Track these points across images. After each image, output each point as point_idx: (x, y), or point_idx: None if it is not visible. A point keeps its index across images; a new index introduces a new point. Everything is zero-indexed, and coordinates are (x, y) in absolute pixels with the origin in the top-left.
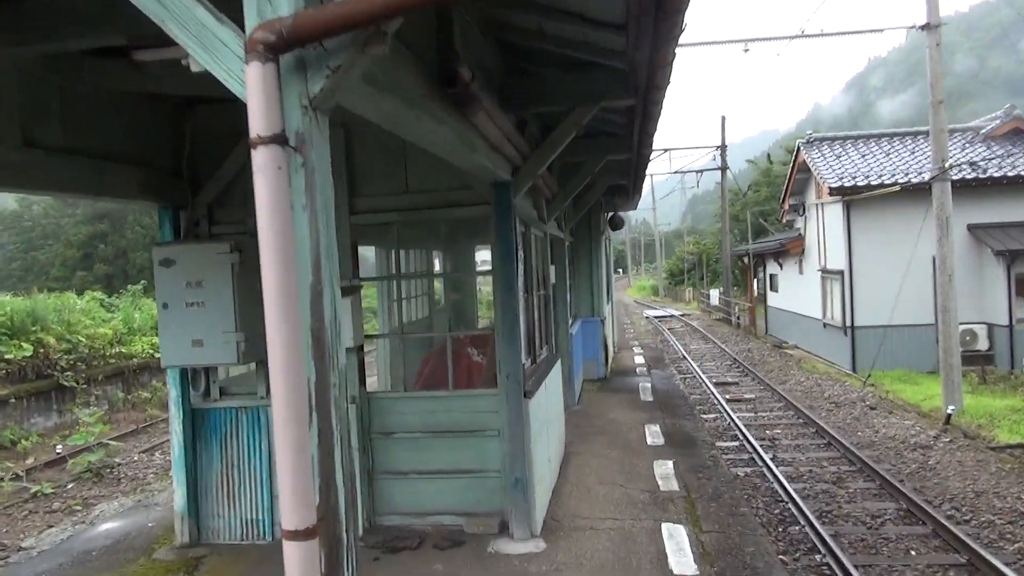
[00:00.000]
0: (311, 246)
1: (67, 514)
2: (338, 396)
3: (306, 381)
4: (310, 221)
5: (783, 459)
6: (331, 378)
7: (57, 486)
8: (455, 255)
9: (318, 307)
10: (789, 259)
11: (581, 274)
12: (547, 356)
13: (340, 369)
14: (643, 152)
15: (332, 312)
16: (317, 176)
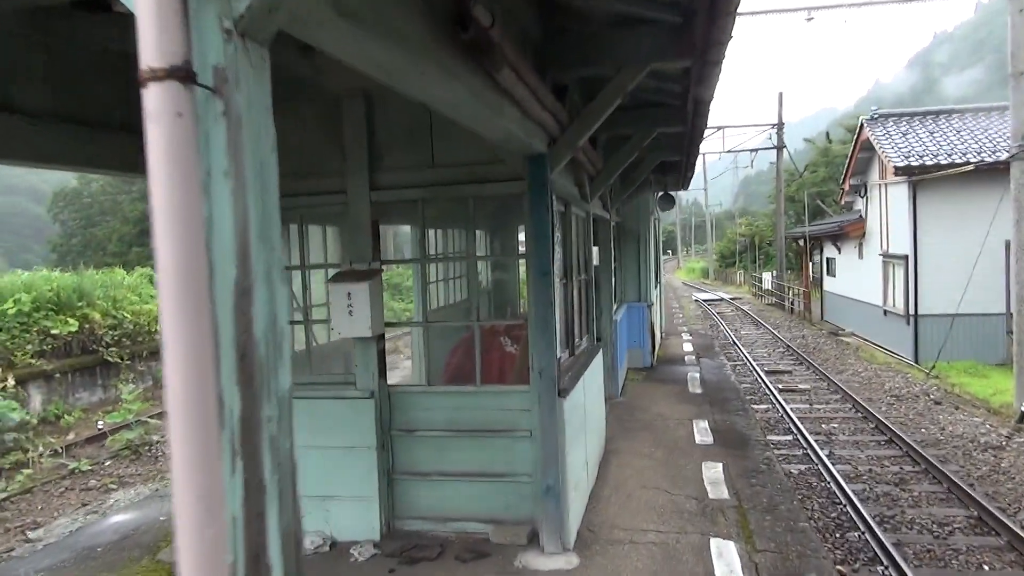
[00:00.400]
0: (235, 228)
1: (102, 492)
2: (278, 434)
3: (226, 415)
4: (234, 192)
5: (840, 456)
6: (265, 410)
7: (95, 463)
8: (492, 235)
9: (244, 312)
10: (848, 242)
11: (627, 256)
12: (587, 347)
13: (282, 396)
14: (697, 124)
15: (269, 319)
16: (247, 130)
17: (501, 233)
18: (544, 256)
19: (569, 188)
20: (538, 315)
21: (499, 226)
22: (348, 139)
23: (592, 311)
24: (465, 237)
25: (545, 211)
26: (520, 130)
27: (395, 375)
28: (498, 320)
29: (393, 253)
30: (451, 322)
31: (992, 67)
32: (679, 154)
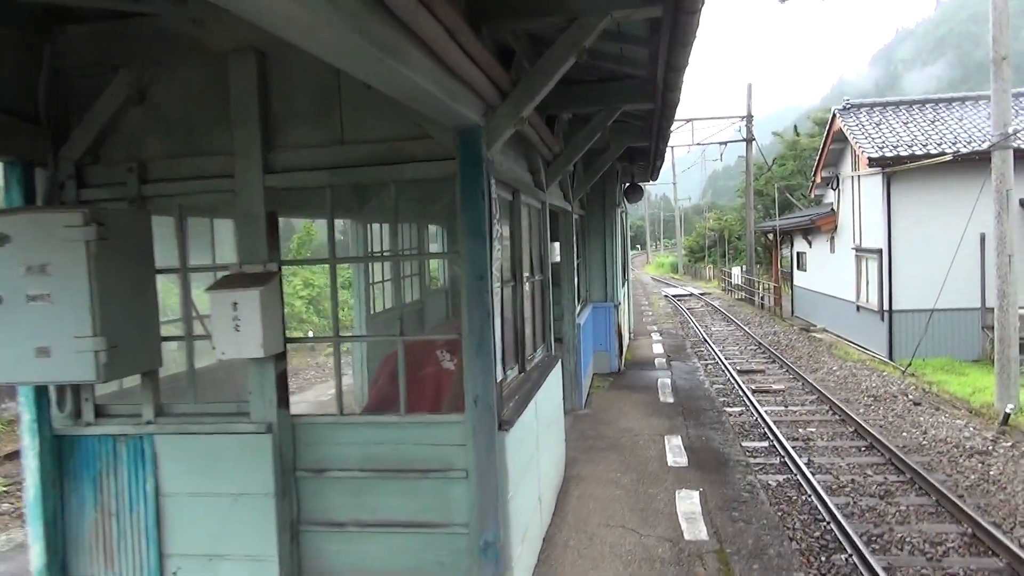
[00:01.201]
0: None
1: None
2: None
3: None
4: None
5: (820, 465)
6: None
7: None
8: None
9: None
10: (819, 236)
11: (592, 253)
12: (543, 360)
13: None
14: (668, 99)
15: None
16: None
17: (429, 225)
18: (479, 255)
19: (518, 173)
20: (473, 329)
21: (424, 217)
22: (236, 110)
23: (549, 317)
24: (403, 231)
25: (481, 198)
26: (439, 89)
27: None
28: (426, 335)
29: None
30: (370, 336)
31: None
32: (647, 139)
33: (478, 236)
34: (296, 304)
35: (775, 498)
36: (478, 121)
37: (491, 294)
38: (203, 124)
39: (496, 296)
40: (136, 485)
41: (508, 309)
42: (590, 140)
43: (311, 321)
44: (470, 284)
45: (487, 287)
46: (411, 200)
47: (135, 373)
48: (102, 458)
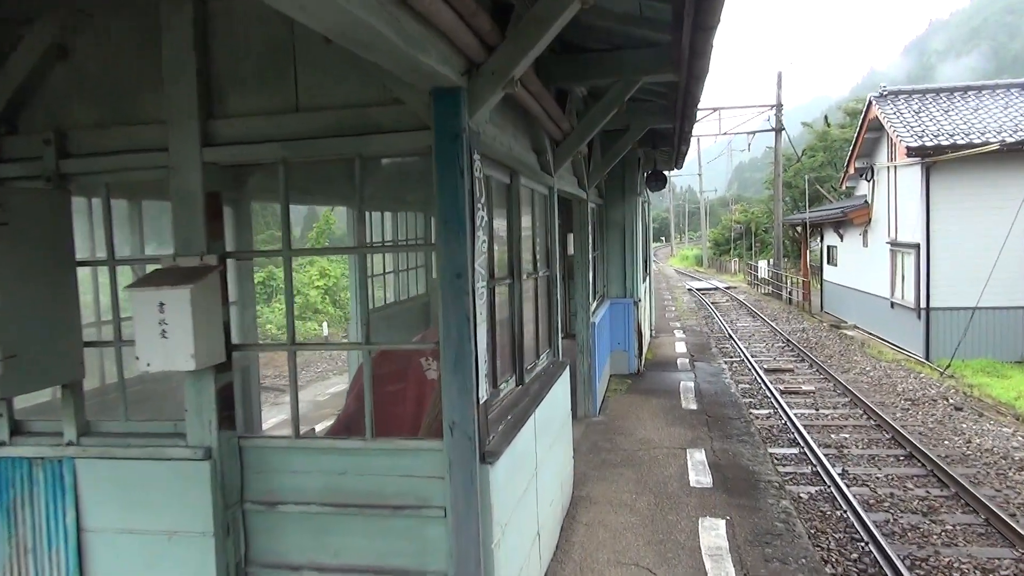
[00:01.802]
0: None
1: None
2: None
3: None
4: None
5: (855, 476)
6: None
7: None
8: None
9: None
10: (851, 229)
11: (611, 245)
12: (547, 367)
13: None
14: (696, 69)
15: None
16: None
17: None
18: (457, 248)
19: (518, 151)
20: (449, 340)
21: (408, 198)
22: (169, 70)
23: (556, 318)
24: (405, 219)
25: (459, 177)
26: (394, 31)
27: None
28: (402, 342)
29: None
30: (331, 345)
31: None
32: (671, 119)
33: (455, 225)
34: (312, 294)
35: (807, 513)
36: (457, 82)
37: (472, 296)
38: (134, 87)
39: (480, 299)
40: (55, 517)
41: (502, 312)
42: (605, 116)
43: (327, 311)
44: (446, 284)
45: (467, 287)
46: (395, 181)
47: (47, 386)
48: (16, 484)
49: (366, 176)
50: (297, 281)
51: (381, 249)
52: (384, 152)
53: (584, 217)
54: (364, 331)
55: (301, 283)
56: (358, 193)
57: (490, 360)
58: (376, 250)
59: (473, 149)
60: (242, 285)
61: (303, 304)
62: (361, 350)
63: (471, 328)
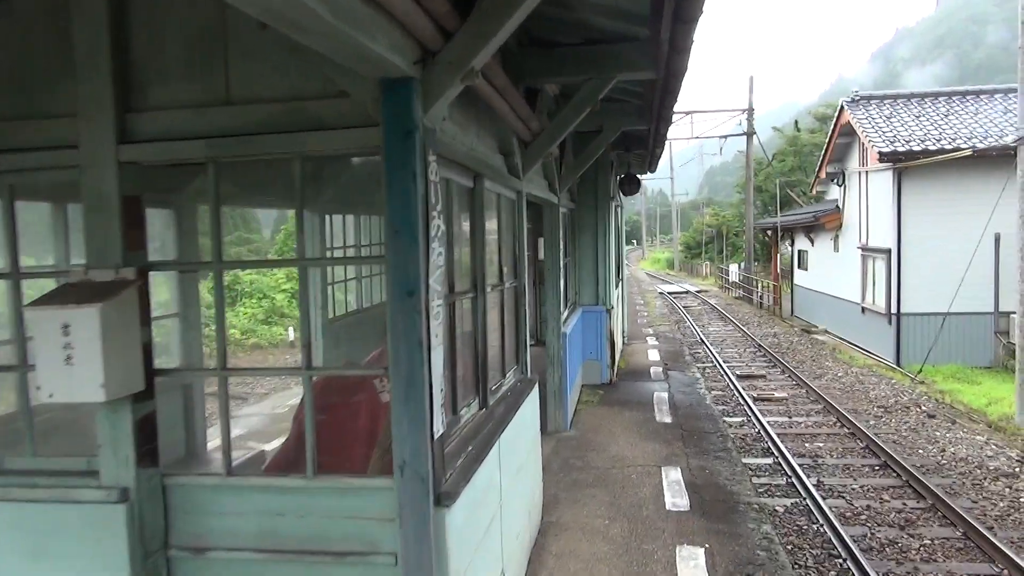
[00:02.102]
0: None
1: None
2: None
3: None
4: None
5: (831, 487)
6: None
7: None
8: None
9: None
10: (823, 234)
11: (583, 251)
12: (515, 386)
13: None
14: (675, 63)
15: None
16: None
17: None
18: (409, 262)
19: (482, 152)
20: (399, 367)
21: (357, 200)
22: (81, 55)
23: (523, 331)
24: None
25: (411, 181)
26: (341, 18)
27: None
28: (348, 364)
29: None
30: (268, 370)
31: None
32: (646, 120)
33: (407, 235)
34: (278, 298)
35: (783, 527)
36: (409, 72)
37: (426, 316)
38: (44, 77)
39: (436, 319)
40: None
41: (464, 328)
42: (578, 116)
43: (293, 316)
44: (396, 303)
45: (420, 306)
46: (361, 181)
47: None
48: None
49: (312, 178)
50: (264, 284)
51: (324, 262)
52: (327, 151)
53: (555, 222)
54: (305, 353)
55: (268, 286)
56: (298, 197)
57: (449, 386)
58: (317, 263)
59: (428, 149)
60: (187, 299)
61: (269, 308)
62: (302, 376)
63: (424, 353)
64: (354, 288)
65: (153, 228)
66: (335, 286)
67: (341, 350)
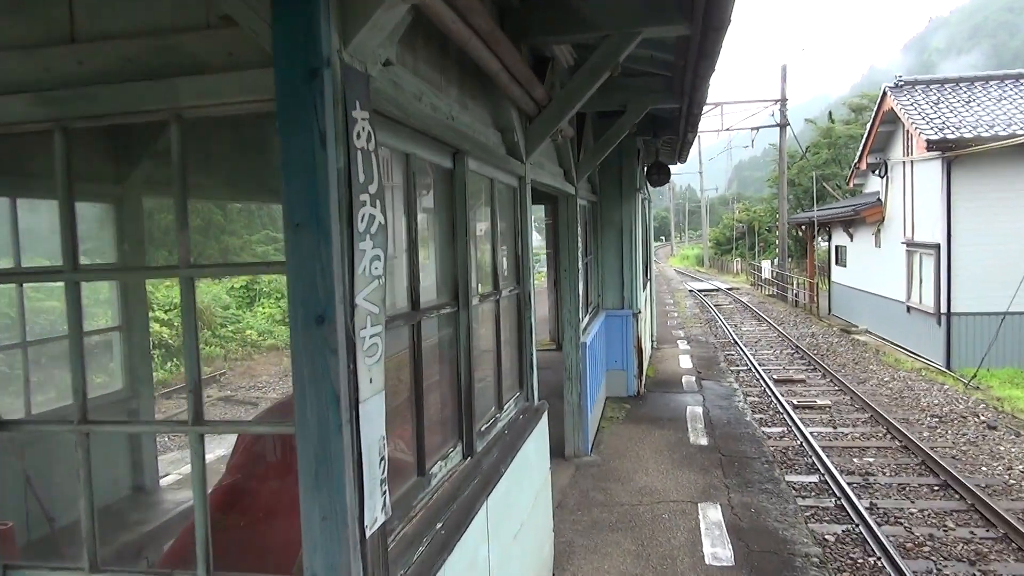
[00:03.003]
0: None
1: None
2: None
3: None
4: None
5: (886, 511)
6: None
7: None
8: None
9: None
10: (863, 228)
11: (607, 249)
12: (513, 421)
13: None
14: (715, 13)
15: None
16: None
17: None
18: (316, 271)
19: (465, 122)
20: (307, 433)
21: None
22: None
23: (529, 348)
24: None
25: (319, 147)
26: None
27: None
28: (241, 423)
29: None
30: (139, 424)
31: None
32: (676, 98)
33: (313, 231)
34: None
35: (835, 561)
36: None
37: (348, 355)
38: None
39: (370, 356)
40: None
41: (439, 354)
42: (594, 82)
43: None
44: (299, 334)
45: (335, 339)
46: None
47: None
48: None
49: (199, 149)
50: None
51: (215, 270)
52: (211, 105)
53: (572, 216)
54: (192, 402)
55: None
56: (177, 178)
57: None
58: (204, 272)
59: (355, 101)
60: (132, 311)
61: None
62: (189, 433)
63: (345, 411)
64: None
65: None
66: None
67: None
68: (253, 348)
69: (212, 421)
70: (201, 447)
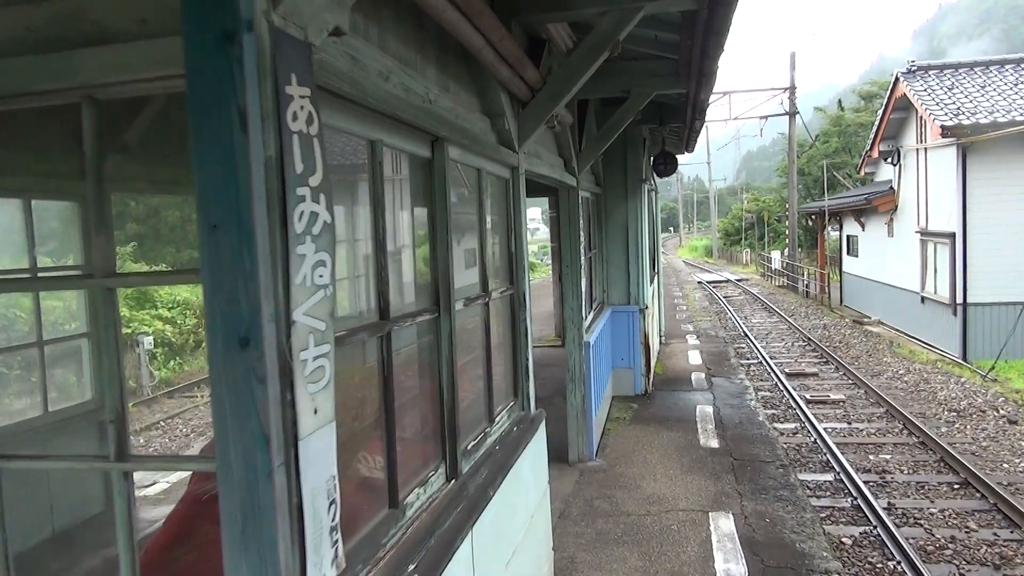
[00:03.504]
0: None
1: None
2: None
3: None
4: None
5: (904, 511)
6: None
7: None
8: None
9: None
10: (875, 218)
11: (612, 243)
12: (506, 434)
13: None
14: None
15: None
16: None
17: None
18: (237, 281)
19: (445, 108)
20: (229, 476)
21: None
22: None
23: (524, 352)
24: None
25: (238, 129)
26: None
27: None
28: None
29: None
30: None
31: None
32: (683, 82)
33: (234, 233)
34: None
35: (853, 566)
36: None
37: (283, 384)
38: None
39: (315, 383)
40: None
41: (418, 366)
42: (593, 61)
43: None
44: (218, 359)
45: (262, 367)
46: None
47: None
48: None
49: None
50: None
51: (132, 280)
52: (122, 82)
53: (574, 209)
54: (115, 434)
55: None
56: (91, 170)
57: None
58: (120, 281)
59: (290, 73)
60: (100, 316)
61: None
62: (112, 471)
63: (278, 452)
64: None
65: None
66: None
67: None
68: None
69: (139, 456)
70: (126, 486)
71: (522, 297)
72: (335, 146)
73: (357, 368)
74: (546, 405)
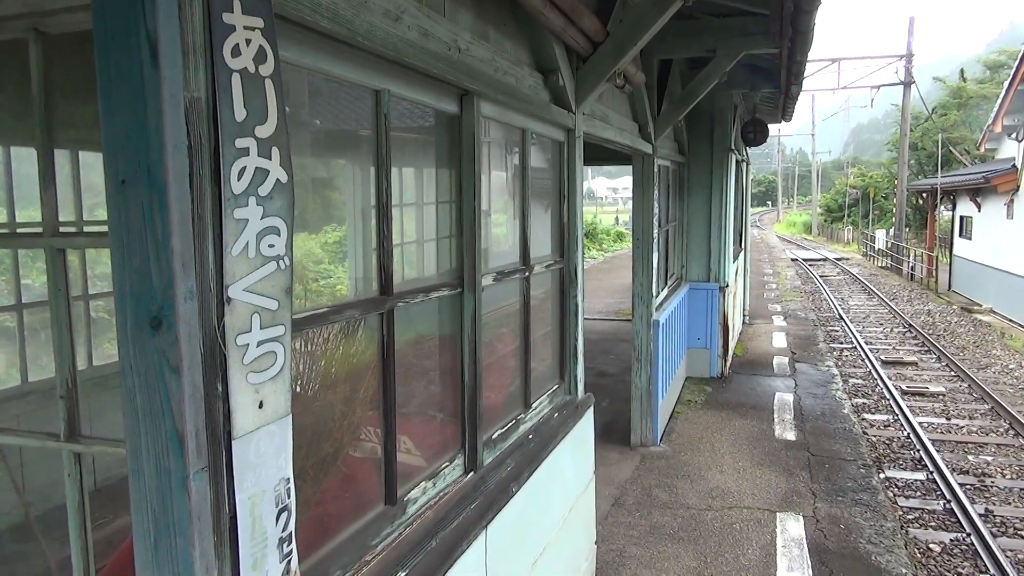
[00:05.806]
0: None
1: None
2: None
3: None
4: None
5: (1004, 520)
6: None
7: None
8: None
9: None
10: (993, 198)
11: (694, 216)
12: (544, 421)
13: None
14: None
15: None
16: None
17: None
18: (148, 251)
19: (482, 59)
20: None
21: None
22: None
23: (572, 332)
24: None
25: (147, 63)
26: None
27: None
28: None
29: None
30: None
31: None
32: (775, 39)
33: (145, 190)
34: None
35: (939, 574)
36: None
37: (216, 375)
38: None
39: (261, 372)
40: None
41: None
42: (661, 13)
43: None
44: (128, 343)
45: (178, 355)
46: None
47: None
48: None
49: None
50: None
51: (80, 241)
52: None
53: (648, 178)
54: (65, 410)
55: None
56: (39, 118)
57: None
58: (73, 242)
59: None
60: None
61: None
62: (62, 451)
63: (190, 458)
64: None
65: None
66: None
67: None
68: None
69: (93, 438)
70: (77, 469)
71: (573, 272)
72: (341, 94)
73: (358, 351)
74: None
